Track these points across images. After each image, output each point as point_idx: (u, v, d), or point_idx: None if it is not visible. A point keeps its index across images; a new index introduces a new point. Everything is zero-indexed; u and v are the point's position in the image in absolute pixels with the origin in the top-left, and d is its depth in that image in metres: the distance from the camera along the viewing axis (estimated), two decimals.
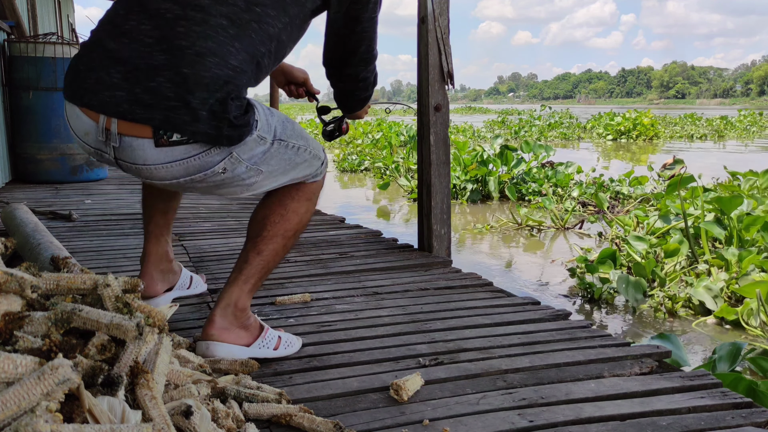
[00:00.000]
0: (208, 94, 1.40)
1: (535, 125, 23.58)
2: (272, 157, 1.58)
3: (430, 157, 2.97)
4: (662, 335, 2.52)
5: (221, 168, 1.49)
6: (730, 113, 34.09)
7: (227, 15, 1.43)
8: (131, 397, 1.13)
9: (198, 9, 1.43)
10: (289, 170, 1.65)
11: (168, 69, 1.40)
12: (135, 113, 1.41)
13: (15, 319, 1.18)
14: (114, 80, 1.41)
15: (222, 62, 1.42)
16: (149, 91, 1.39)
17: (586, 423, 1.39)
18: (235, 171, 1.53)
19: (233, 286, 1.68)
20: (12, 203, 3.24)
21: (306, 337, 1.88)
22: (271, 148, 1.56)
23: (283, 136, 1.60)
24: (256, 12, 1.47)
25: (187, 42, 1.41)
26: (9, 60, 5.10)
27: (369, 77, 1.79)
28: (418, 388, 1.52)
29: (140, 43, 1.42)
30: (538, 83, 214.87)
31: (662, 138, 20.07)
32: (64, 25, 11.56)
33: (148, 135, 1.42)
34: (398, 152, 11.69)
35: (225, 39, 1.43)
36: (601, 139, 19.64)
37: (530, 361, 1.71)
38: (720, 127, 24.61)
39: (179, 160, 1.46)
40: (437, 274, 2.65)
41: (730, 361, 2.32)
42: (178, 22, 1.42)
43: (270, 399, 1.39)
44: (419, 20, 2.93)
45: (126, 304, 1.28)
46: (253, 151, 1.53)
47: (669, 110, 41.65)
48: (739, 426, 1.38)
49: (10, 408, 0.94)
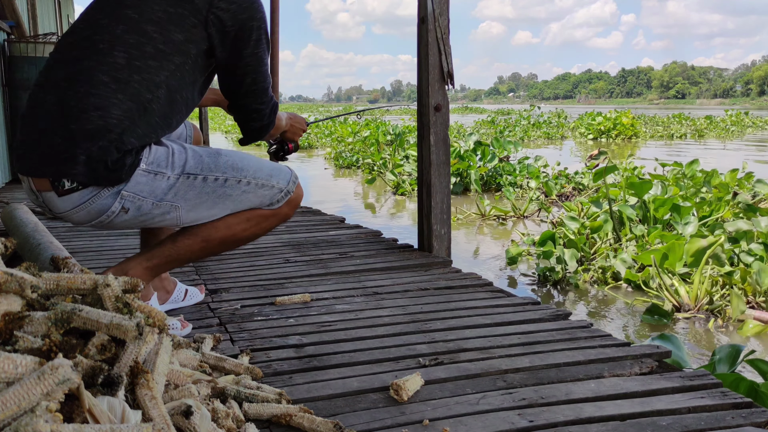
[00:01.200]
0: (91, 143, 1.59)
1: (520, 125, 24.26)
2: (185, 191, 1.74)
3: (430, 158, 2.97)
4: (663, 336, 2.51)
5: (118, 208, 1.69)
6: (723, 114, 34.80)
7: (108, 72, 1.63)
8: (131, 397, 1.13)
9: (83, 72, 1.63)
10: (220, 202, 1.79)
11: (62, 127, 1.61)
12: (37, 170, 1.65)
13: (15, 319, 1.18)
14: (29, 145, 1.66)
15: (105, 114, 1.61)
16: (49, 148, 1.62)
17: (586, 423, 1.39)
18: (141, 209, 1.71)
19: (135, 257, 1.85)
20: (12, 203, 3.24)
21: (306, 337, 1.88)
22: (177, 183, 1.73)
23: (194, 170, 1.75)
24: (136, 66, 1.64)
25: (75, 101, 1.61)
26: (9, 60, 5.11)
27: (263, 109, 1.89)
28: (418, 388, 1.52)
29: (45, 110, 1.65)
30: (538, 83, 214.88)
31: (641, 137, 20.84)
32: (64, 25, 11.56)
33: (49, 187, 1.65)
34: (385, 149, 12.33)
35: (107, 93, 1.61)
36: (583, 138, 20.49)
37: (530, 361, 1.71)
38: (701, 127, 25.57)
39: (78, 205, 1.67)
40: (437, 274, 2.65)
41: (730, 362, 2.31)
42: (70, 87, 1.63)
43: (270, 399, 1.39)
44: (419, 20, 2.93)
45: (126, 304, 1.28)
46: (152, 188, 1.70)
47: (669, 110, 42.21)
48: (739, 426, 1.37)
49: (10, 408, 0.94)
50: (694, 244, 4.05)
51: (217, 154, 1.80)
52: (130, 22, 1.65)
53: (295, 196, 1.92)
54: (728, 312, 3.75)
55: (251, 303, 2.23)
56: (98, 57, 1.64)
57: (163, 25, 1.66)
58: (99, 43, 1.65)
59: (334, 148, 14.50)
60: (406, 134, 13.55)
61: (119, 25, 1.65)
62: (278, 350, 1.79)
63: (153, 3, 1.67)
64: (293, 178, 1.92)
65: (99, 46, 1.65)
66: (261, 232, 1.91)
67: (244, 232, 1.87)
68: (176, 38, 1.67)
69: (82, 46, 1.67)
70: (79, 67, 1.64)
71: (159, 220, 1.75)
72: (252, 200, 1.84)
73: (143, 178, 1.68)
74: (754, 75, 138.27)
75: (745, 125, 28.18)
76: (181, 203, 1.74)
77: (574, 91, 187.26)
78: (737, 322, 3.71)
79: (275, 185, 1.86)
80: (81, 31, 1.71)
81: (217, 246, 1.87)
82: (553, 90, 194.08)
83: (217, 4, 1.70)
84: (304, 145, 15.84)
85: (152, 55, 1.65)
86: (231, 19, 1.72)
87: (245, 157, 1.86)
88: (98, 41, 1.65)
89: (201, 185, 1.75)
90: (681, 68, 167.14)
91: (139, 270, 1.81)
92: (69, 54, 1.68)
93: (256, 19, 1.76)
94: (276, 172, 1.88)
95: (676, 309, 3.89)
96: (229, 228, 1.84)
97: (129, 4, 1.67)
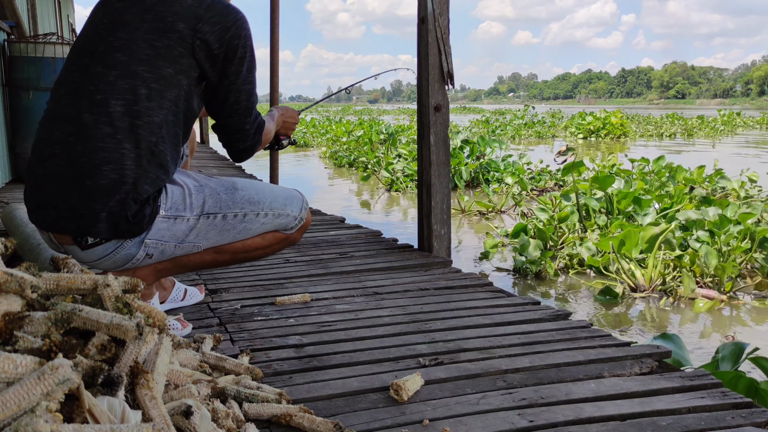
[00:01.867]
0: (109, 198, 1.64)
1: (512, 124, 24.65)
2: (206, 231, 1.79)
3: (430, 158, 2.97)
4: (665, 335, 2.52)
5: (143, 255, 1.75)
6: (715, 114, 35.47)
7: (110, 123, 1.65)
8: (131, 397, 1.13)
9: (87, 128, 1.65)
10: (240, 234, 1.86)
11: (76, 184, 1.65)
12: (58, 226, 1.70)
13: (15, 319, 1.18)
14: (45, 201, 1.70)
15: (116, 167, 1.65)
16: (68, 208, 1.67)
17: (586, 423, 1.39)
18: (165, 252, 1.78)
19: None
20: (12, 203, 3.24)
21: (306, 337, 1.88)
22: (197, 224, 1.77)
23: (213, 209, 1.80)
24: (135, 111, 1.66)
25: (85, 158, 1.65)
26: (9, 60, 5.10)
27: (247, 129, 1.90)
28: (418, 388, 1.52)
29: (57, 169, 1.67)
30: (538, 83, 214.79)
31: (630, 136, 21.41)
32: (64, 25, 11.57)
33: (71, 242, 1.71)
34: (378, 148, 12.82)
35: (113, 145, 1.65)
36: (574, 137, 20.85)
37: (530, 361, 1.71)
38: (691, 127, 26.29)
39: (104, 257, 1.73)
40: (437, 274, 2.65)
41: (733, 360, 2.31)
42: (77, 143, 1.66)
43: (270, 399, 1.39)
44: (419, 20, 2.93)
45: (126, 304, 1.28)
46: (173, 232, 1.75)
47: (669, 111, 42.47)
48: (739, 426, 1.37)
49: (10, 408, 0.94)
50: (648, 232, 4.42)
51: (234, 190, 1.85)
52: (120, 65, 1.67)
53: (306, 222, 2.02)
54: (679, 291, 4.17)
55: (251, 303, 2.23)
56: (97, 109, 1.65)
57: (152, 62, 1.68)
58: (95, 94, 1.66)
59: (329, 147, 14.98)
60: (398, 133, 13.95)
61: (112, 71, 1.67)
62: (278, 350, 1.79)
63: (140, 40, 1.68)
64: (305, 204, 1.99)
65: (96, 97, 1.66)
66: (271, 252, 2.01)
67: (256, 251, 1.95)
68: (166, 73, 1.68)
69: (79, 98, 1.68)
70: (82, 122, 1.66)
71: (181, 254, 1.83)
72: (268, 228, 1.93)
73: (164, 224, 1.74)
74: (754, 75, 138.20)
75: (736, 125, 28.96)
76: (203, 242, 1.82)
77: (574, 91, 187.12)
78: (689, 300, 4.12)
79: (290, 213, 1.94)
80: (76, 80, 1.71)
81: (227, 260, 1.94)
82: (553, 90, 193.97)
83: (201, 29, 1.70)
84: (301, 143, 15.94)
85: (147, 97, 1.67)
86: (217, 41, 1.72)
87: (260, 188, 1.91)
88: (94, 92, 1.67)
89: (221, 223, 1.82)
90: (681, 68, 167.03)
91: (147, 271, 1.83)
92: (70, 108, 1.69)
93: (242, 37, 1.76)
94: (290, 201, 1.95)
95: (633, 290, 4.28)
96: (243, 246, 1.91)
97: (118, 47, 1.69)
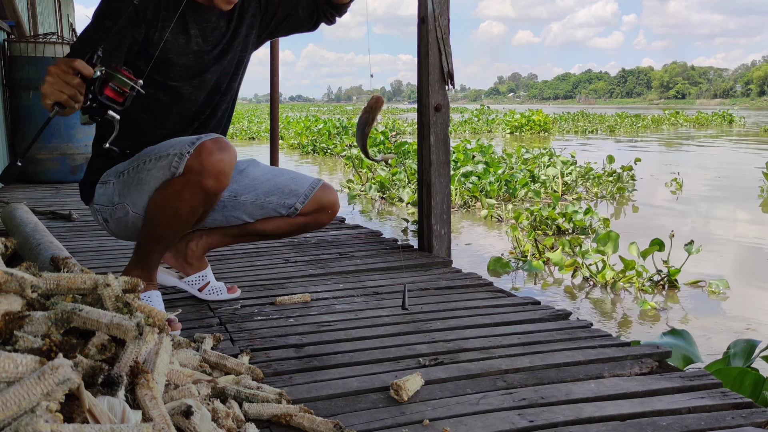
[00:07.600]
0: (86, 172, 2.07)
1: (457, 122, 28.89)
2: (122, 188, 1.93)
3: (430, 158, 2.97)
4: (674, 331, 2.51)
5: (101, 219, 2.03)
6: None
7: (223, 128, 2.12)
8: (131, 397, 1.13)
9: None
10: (141, 186, 1.89)
11: None
12: None
13: (15, 319, 1.18)
14: None
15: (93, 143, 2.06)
16: None
17: (586, 423, 1.39)
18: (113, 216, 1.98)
19: None
20: (12, 203, 3.24)
21: (306, 337, 1.88)
22: (116, 184, 1.95)
23: (125, 167, 1.94)
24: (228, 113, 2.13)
25: None
26: (9, 60, 5.10)
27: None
28: (418, 388, 1.52)
29: None
30: (538, 83, 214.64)
31: (551, 132, 24.74)
32: (64, 25, 11.56)
33: None
34: (335, 137, 15.99)
35: None
36: (503, 132, 25.12)
37: (530, 361, 1.71)
38: (612, 123, 30.41)
39: None
40: (437, 274, 2.65)
41: (745, 357, 2.31)
42: None
43: (270, 399, 1.39)
44: (419, 20, 2.93)
45: (126, 304, 1.28)
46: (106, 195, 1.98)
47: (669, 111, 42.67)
48: (739, 426, 1.37)
49: (10, 408, 0.94)
50: None
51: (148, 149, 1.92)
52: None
53: (199, 161, 1.75)
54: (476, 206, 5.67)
55: (251, 303, 2.23)
56: None
57: None
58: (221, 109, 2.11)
59: (295, 138, 18.38)
60: (349, 128, 17.61)
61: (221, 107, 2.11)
62: (278, 350, 1.79)
63: None
64: (192, 140, 1.79)
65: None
66: (187, 206, 1.81)
67: (175, 208, 1.81)
68: None
69: None
70: None
71: (126, 221, 1.94)
72: (159, 177, 1.80)
73: (100, 190, 1.97)
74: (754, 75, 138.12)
75: (670, 123, 33.52)
76: (128, 202, 1.91)
77: (574, 91, 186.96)
78: None
79: (170, 153, 1.79)
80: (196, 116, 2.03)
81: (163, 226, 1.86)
82: (553, 90, 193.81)
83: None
84: None
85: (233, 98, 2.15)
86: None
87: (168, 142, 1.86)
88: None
89: (126, 178, 1.91)
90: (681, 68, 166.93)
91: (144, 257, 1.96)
92: None
93: None
94: (175, 142, 1.82)
95: None
96: (156, 206, 1.83)
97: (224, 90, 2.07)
